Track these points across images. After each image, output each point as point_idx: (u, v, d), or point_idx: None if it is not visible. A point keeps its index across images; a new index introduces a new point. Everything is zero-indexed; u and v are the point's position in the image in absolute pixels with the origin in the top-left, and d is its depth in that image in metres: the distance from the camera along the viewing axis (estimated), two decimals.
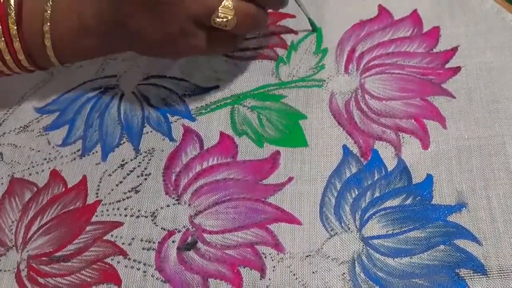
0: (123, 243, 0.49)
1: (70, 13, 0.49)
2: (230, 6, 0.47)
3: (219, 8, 0.47)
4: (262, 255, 0.47)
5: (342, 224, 0.47)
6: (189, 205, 0.50)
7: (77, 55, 0.53)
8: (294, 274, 0.45)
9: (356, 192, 0.48)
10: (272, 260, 0.46)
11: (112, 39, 0.50)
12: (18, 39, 0.49)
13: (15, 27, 0.48)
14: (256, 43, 0.60)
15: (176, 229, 0.49)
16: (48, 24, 0.49)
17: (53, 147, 0.56)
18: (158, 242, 0.48)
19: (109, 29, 0.49)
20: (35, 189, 0.53)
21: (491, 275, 0.43)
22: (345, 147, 0.51)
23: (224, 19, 0.47)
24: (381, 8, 0.59)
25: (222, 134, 0.53)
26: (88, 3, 0.49)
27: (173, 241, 0.48)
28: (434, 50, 0.56)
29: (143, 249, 0.48)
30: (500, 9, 0.57)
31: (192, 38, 0.49)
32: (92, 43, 0.50)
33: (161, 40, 0.49)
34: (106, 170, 0.53)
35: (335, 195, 0.49)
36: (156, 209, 0.50)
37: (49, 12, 0.49)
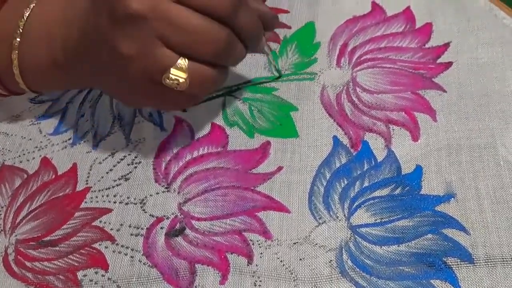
0: (111, 229, 0.49)
1: (39, 44, 0.48)
2: (184, 67, 0.43)
3: (172, 68, 0.43)
4: (249, 242, 0.47)
5: (331, 212, 0.47)
6: (178, 192, 0.50)
7: (46, 85, 0.52)
8: (281, 261, 0.45)
9: (345, 182, 0.48)
10: (260, 247, 0.46)
11: (78, 76, 0.49)
12: None
13: None
14: None
15: (164, 216, 0.49)
16: (16, 52, 0.48)
17: (44, 135, 0.56)
18: (146, 228, 0.48)
19: (74, 67, 0.48)
20: (25, 176, 0.53)
21: (478, 264, 0.43)
22: (335, 138, 0.51)
23: (175, 81, 0.43)
24: (374, 5, 0.60)
25: (213, 124, 0.54)
26: (57, 37, 0.47)
27: (161, 228, 0.48)
28: (426, 46, 0.56)
29: (131, 235, 0.48)
30: (492, 7, 0.57)
31: (145, 94, 0.47)
32: (60, 76, 0.49)
33: (117, 89, 0.48)
34: (96, 158, 0.53)
35: (324, 184, 0.49)
36: (145, 197, 0.50)
37: (18, 40, 0.48)
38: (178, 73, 0.43)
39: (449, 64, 0.54)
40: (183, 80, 0.43)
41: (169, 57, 0.43)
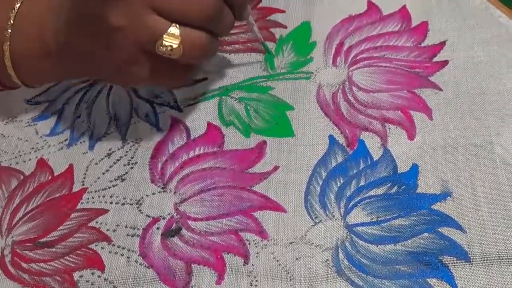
0: (107, 230, 0.49)
1: (30, 35, 0.48)
2: (176, 33, 0.44)
3: (164, 35, 0.44)
4: (246, 241, 0.47)
5: (327, 211, 0.47)
6: (175, 193, 0.50)
7: (39, 77, 0.52)
8: (277, 261, 0.45)
9: (341, 181, 0.48)
10: (256, 246, 0.46)
11: (69, 64, 0.49)
12: None
13: None
14: (245, 36, 0.60)
15: (161, 216, 0.49)
16: (8, 43, 0.48)
17: (40, 136, 0.56)
18: (143, 229, 0.48)
19: (64, 53, 0.48)
20: (22, 177, 0.53)
21: (475, 262, 0.43)
22: (331, 137, 0.51)
23: (169, 48, 0.44)
24: (370, 4, 0.60)
25: (209, 124, 0.54)
26: (48, 26, 0.47)
27: (157, 228, 0.48)
28: (422, 44, 0.56)
29: (128, 235, 0.48)
30: (488, 6, 0.57)
31: (137, 67, 0.47)
32: (52, 68, 0.50)
33: (110, 66, 0.47)
34: (93, 159, 0.53)
35: (320, 183, 0.49)
36: (142, 197, 0.50)
37: (9, 31, 0.48)
38: (171, 40, 0.44)
39: (445, 63, 0.54)
40: (176, 45, 0.44)
41: (161, 24, 0.44)
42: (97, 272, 0.47)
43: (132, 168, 0.52)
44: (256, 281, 0.45)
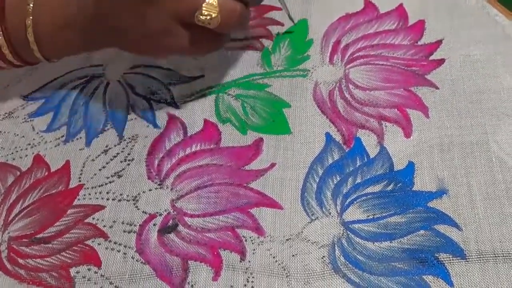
0: (104, 226, 0.49)
1: (53, 7, 0.48)
2: (214, 3, 0.45)
3: (203, 5, 0.45)
4: (242, 238, 0.47)
5: (323, 209, 0.47)
6: (171, 189, 0.50)
7: (61, 50, 0.52)
8: (274, 257, 0.45)
9: (338, 178, 0.48)
10: (252, 243, 0.46)
11: (95, 35, 0.49)
12: (1, 32, 0.48)
13: None
14: (242, 34, 0.60)
15: (157, 212, 0.49)
16: (31, 18, 0.48)
17: (37, 133, 0.56)
18: (139, 225, 0.48)
19: (91, 24, 0.48)
20: (18, 173, 0.53)
21: (470, 259, 0.43)
22: (328, 135, 0.51)
23: (208, 17, 0.46)
24: (367, 2, 0.60)
25: (206, 121, 0.54)
26: None
27: (154, 224, 0.48)
28: (419, 43, 0.56)
29: (124, 231, 0.48)
30: (485, 4, 0.57)
31: (175, 37, 0.48)
32: (76, 38, 0.50)
33: (143, 38, 0.48)
34: (89, 155, 0.53)
35: (317, 180, 0.49)
36: (138, 193, 0.50)
37: (31, 5, 0.48)
38: (210, 9, 0.45)
39: (441, 61, 0.54)
40: (215, 15, 0.46)
41: None
42: (93, 268, 0.47)
43: (128, 164, 0.52)
44: (253, 277, 0.45)
